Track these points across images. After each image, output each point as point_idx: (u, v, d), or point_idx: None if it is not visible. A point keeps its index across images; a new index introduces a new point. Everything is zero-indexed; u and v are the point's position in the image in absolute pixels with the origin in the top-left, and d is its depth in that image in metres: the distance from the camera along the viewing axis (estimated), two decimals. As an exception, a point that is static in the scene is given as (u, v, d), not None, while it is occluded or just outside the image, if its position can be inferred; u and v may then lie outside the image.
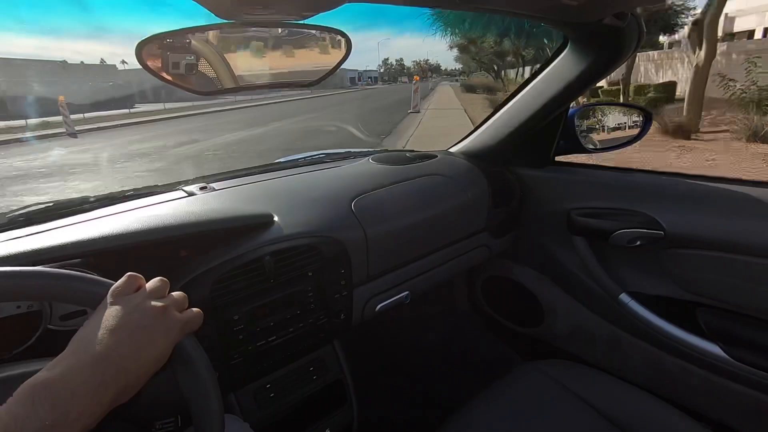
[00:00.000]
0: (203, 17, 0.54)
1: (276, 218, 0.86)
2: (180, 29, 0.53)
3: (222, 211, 0.84)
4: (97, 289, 0.44)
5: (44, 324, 0.64)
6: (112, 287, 0.43)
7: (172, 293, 0.46)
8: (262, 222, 0.84)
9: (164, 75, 0.52)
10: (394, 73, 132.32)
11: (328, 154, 1.33)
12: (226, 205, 0.91)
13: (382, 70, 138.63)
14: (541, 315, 1.34)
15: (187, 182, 1.06)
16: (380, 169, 1.16)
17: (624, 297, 1.08)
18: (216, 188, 1.01)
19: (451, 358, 1.53)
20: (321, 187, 1.03)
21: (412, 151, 1.35)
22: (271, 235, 0.83)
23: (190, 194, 0.97)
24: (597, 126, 1.18)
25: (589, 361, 1.16)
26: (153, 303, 0.42)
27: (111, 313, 0.39)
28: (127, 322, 0.39)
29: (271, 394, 0.91)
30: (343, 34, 0.58)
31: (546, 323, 1.33)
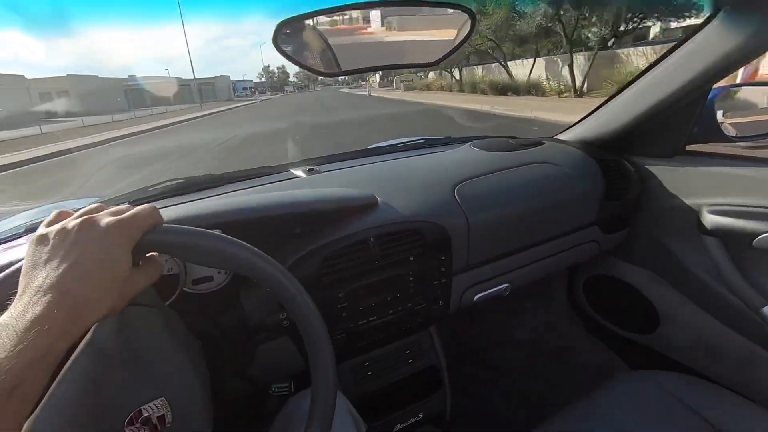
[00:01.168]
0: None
1: (380, 202, 0.88)
2: (312, 11, 0.54)
3: (331, 192, 0.87)
4: None
5: (180, 286, 0.72)
6: (42, 223, 0.41)
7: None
8: (368, 205, 0.86)
9: (296, 57, 0.54)
10: (277, 82, 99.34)
11: (426, 140, 1.32)
12: (334, 187, 0.94)
13: (263, 79, 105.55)
14: (654, 322, 1.20)
15: (294, 164, 1.12)
16: (483, 156, 1.11)
17: None
18: (322, 171, 1.05)
19: (545, 356, 1.46)
20: (423, 173, 1.02)
21: (515, 137, 1.28)
22: (377, 218, 0.84)
23: (299, 176, 1.03)
24: (745, 111, 1.01)
25: (712, 378, 1.03)
26: (74, 221, 0.39)
27: (36, 247, 0.39)
28: (54, 247, 0.38)
29: (369, 372, 0.94)
30: (470, 12, 0.56)
31: (660, 331, 1.20)
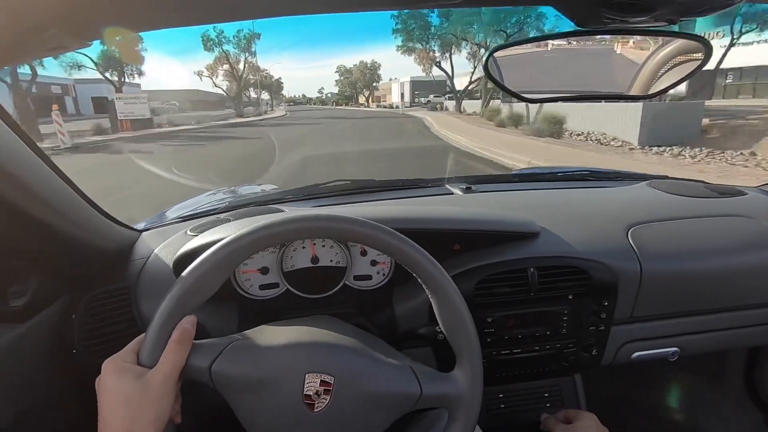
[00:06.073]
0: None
1: (542, 231, 0.84)
2: (522, 39, 0.54)
3: (490, 214, 0.86)
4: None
5: (344, 279, 0.78)
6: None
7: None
8: (529, 232, 0.83)
9: (503, 83, 0.55)
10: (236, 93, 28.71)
11: (591, 172, 1.23)
12: (492, 209, 0.93)
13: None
14: None
15: (449, 180, 1.13)
16: (664, 198, 0.99)
17: None
18: (478, 191, 1.05)
19: None
20: (590, 207, 0.95)
21: (706, 182, 1.11)
22: (538, 248, 0.80)
23: (455, 193, 1.04)
24: None
25: None
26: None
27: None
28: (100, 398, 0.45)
29: (502, 405, 0.90)
30: (705, 42, 0.50)
31: None
